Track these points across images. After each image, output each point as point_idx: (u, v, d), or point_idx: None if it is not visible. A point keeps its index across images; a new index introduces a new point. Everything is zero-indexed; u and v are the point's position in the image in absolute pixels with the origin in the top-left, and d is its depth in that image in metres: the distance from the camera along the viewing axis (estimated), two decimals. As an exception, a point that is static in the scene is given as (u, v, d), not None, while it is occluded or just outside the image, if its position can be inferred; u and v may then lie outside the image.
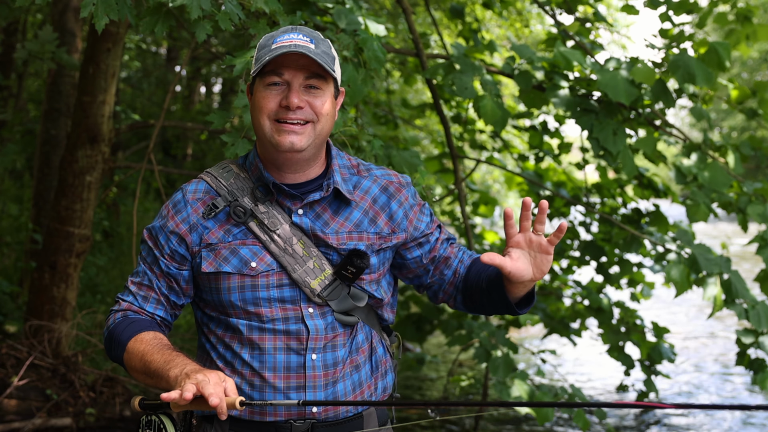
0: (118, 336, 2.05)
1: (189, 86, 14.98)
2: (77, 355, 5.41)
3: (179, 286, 2.10)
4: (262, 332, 2.03)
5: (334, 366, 2.05)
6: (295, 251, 2.03)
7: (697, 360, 9.02)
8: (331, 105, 2.04)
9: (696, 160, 5.10)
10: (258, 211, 2.04)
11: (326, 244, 2.06)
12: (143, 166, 4.82)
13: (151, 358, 1.96)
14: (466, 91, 4.66)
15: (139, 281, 2.11)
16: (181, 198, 2.10)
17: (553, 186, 6.83)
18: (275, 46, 1.98)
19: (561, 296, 6.97)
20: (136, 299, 2.10)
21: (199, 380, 1.81)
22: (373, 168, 2.19)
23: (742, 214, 5.16)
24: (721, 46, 4.86)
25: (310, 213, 2.07)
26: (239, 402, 1.84)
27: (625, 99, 4.63)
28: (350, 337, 2.08)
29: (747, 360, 5.20)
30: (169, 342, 2.04)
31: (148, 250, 2.11)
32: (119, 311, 2.11)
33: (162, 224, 2.09)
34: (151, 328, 2.05)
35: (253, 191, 2.06)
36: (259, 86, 2.02)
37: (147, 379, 1.99)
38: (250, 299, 2.03)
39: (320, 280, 2.03)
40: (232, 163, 2.14)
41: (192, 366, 1.90)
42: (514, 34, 11.99)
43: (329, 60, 2.01)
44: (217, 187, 2.08)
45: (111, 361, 3.71)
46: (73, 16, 6.97)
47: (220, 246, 2.04)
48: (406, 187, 2.17)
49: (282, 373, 2.02)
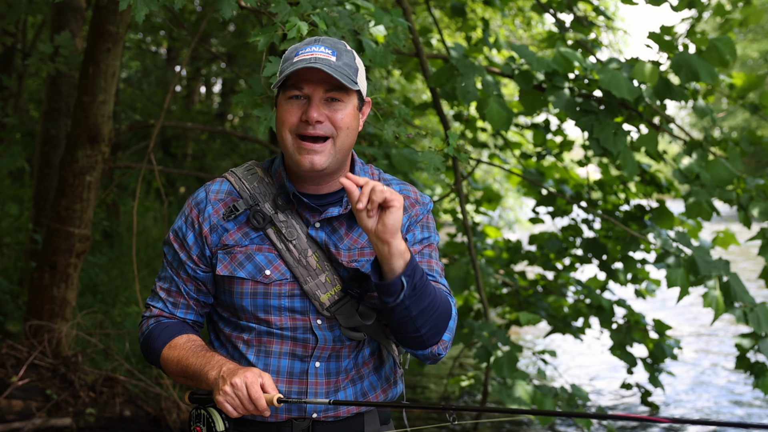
0: (153, 343, 2.11)
1: (189, 86, 14.97)
2: (77, 355, 5.40)
3: (207, 288, 2.13)
4: (270, 336, 2.05)
5: (336, 375, 2.07)
6: (309, 263, 2.04)
7: (700, 360, 9.01)
8: (353, 117, 2.03)
9: (697, 158, 5.08)
10: (277, 219, 2.05)
11: (337, 260, 2.06)
12: (143, 166, 4.81)
13: (187, 362, 2.02)
14: (468, 95, 4.65)
15: (167, 287, 2.14)
16: (204, 197, 2.11)
17: (555, 184, 6.82)
18: (297, 59, 1.99)
19: (564, 294, 6.96)
20: (166, 306, 2.14)
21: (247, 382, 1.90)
22: (393, 183, 2.17)
23: (744, 212, 5.15)
24: (721, 42, 4.86)
25: (327, 227, 2.07)
26: (277, 399, 1.90)
27: (629, 95, 4.62)
28: (357, 349, 2.09)
29: (747, 364, 5.18)
30: (203, 341, 2.09)
31: (173, 253, 2.12)
32: (151, 317, 2.15)
33: (186, 223, 2.11)
34: (184, 331, 2.10)
35: (275, 198, 2.07)
36: (282, 99, 2.03)
37: (188, 381, 2.05)
38: (261, 306, 2.04)
39: (330, 294, 2.04)
40: (258, 165, 2.15)
41: (228, 366, 1.95)
42: (514, 31, 11.98)
43: (351, 72, 2.00)
44: (240, 189, 2.09)
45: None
46: (73, 16, 6.96)
47: (236, 249, 2.05)
48: (422, 206, 2.15)
49: (285, 377, 2.05)
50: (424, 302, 1.94)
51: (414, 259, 1.93)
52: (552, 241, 7.01)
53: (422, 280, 1.94)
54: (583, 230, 6.87)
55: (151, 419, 5.39)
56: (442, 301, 2.00)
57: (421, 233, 2.13)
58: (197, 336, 2.12)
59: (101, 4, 5.24)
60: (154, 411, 5.40)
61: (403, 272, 1.89)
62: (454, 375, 7.41)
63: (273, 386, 1.92)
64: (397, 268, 1.89)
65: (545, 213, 7.12)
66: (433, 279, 2.09)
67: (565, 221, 7.10)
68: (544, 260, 7.15)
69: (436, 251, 2.15)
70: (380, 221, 1.86)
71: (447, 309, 2.01)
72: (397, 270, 1.89)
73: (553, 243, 6.98)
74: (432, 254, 2.13)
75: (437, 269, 2.12)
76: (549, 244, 7.00)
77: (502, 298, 7.16)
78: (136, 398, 5.42)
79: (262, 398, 1.89)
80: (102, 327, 6.22)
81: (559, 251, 6.99)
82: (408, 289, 1.90)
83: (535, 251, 7.28)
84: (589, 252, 6.54)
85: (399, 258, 1.89)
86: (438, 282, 2.10)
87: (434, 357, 2.03)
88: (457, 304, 8.59)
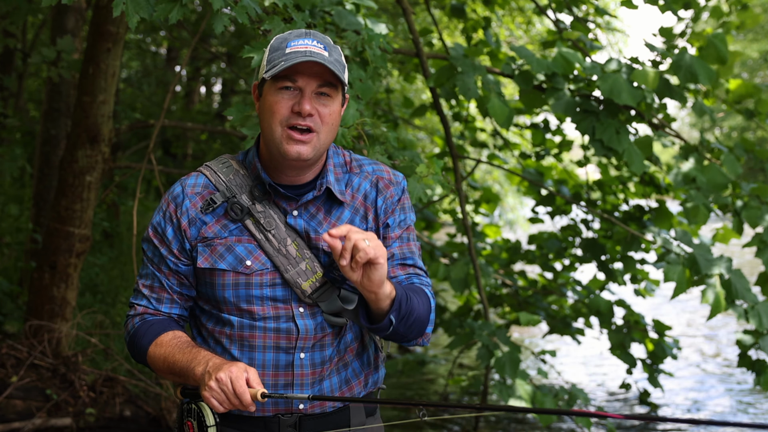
0: (139, 341, 2.11)
1: (189, 86, 14.96)
2: (77, 355, 5.40)
3: (189, 281, 2.13)
4: (252, 330, 2.06)
5: (321, 365, 2.08)
6: (288, 252, 2.05)
7: (703, 359, 9.01)
8: (337, 115, 2.06)
9: (693, 163, 5.09)
10: (255, 210, 2.06)
11: (317, 246, 2.07)
12: (143, 166, 4.81)
13: (174, 359, 2.03)
14: (469, 91, 4.66)
15: (150, 284, 2.14)
16: (181, 191, 2.12)
17: (554, 184, 6.83)
18: (289, 50, 1.99)
19: (564, 294, 6.96)
20: (150, 302, 2.14)
21: (233, 377, 1.90)
22: (365, 164, 2.19)
23: (738, 218, 5.16)
24: (717, 38, 4.87)
25: (305, 214, 2.09)
26: (261, 394, 1.91)
27: (631, 101, 4.62)
28: (339, 336, 2.10)
29: (749, 361, 5.18)
30: (189, 338, 2.10)
31: (153, 249, 2.13)
32: (136, 316, 2.15)
33: (165, 218, 2.11)
34: (170, 328, 2.11)
35: (252, 190, 2.08)
36: (271, 89, 2.03)
37: (175, 378, 2.06)
38: (243, 296, 2.05)
39: (311, 282, 2.06)
40: (232, 158, 2.16)
41: (214, 361, 1.95)
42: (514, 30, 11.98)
43: (340, 68, 2.02)
44: (215, 181, 2.10)
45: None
46: (73, 16, 6.96)
47: (215, 241, 2.06)
48: (395, 185, 2.17)
49: (271, 370, 2.06)
50: (410, 320, 2.02)
51: (398, 290, 1.98)
52: (551, 240, 7.02)
53: (407, 305, 2.00)
54: (582, 230, 6.87)
55: (151, 419, 5.39)
56: (422, 306, 2.05)
57: (399, 216, 2.15)
58: (183, 332, 2.12)
59: (101, 4, 5.24)
60: (154, 411, 5.40)
61: (390, 310, 1.96)
62: (454, 375, 7.41)
63: (258, 381, 1.93)
64: (384, 307, 1.96)
65: (544, 213, 7.13)
66: (412, 262, 2.14)
67: (565, 221, 7.11)
68: (544, 260, 7.16)
69: (414, 231, 2.21)
70: (365, 275, 1.90)
71: (427, 310, 2.07)
72: (384, 309, 1.96)
73: (552, 243, 6.99)
74: (410, 236, 2.18)
75: (416, 251, 2.18)
76: (548, 243, 7.01)
77: (502, 298, 7.17)
78: (136, 398, 5.43)
79: (247, 393, 1.90)
80: (102, 327, 6.22)
81: (558, 251, 7.00)
82: (396, 321, 1.98)
83: (535, 250, 7.29)
84: (588, 252, 6.54)
85: (386, 299, 1.95)
86: (416, 266, 2.15)
87: (418, 345, 2.12)
88: (458, 304, 8.58)
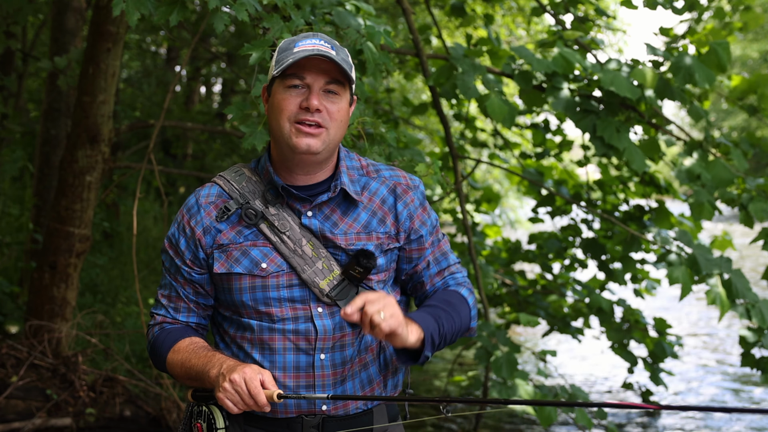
0: (159, 349, 2.16)
1: (189, 86, 14.96)
2: (77, 355, 5.39)
3: (205, 290, 2.16)
4: (272, 332, 2.07)
5: (342, 365, 2.09)
6: (304, 252, 2.07)
7: (703, 359, 9.01)
8: (345, 112, 2.08)
9: (698, 159, 5.09)
10: (268, 213, 2.08)
11: (335, 244, 2.09)
12: (143, 166, 4.80)
13: (190, 363, 2.07)
14: (469, 91, 4.66)
15: (168, 293, 2.19)
16: (195, 202, 2.15)
17: (554, 184, 6.82)
18: (297, 49, 2.02)
19: (564, 294, 6.96)
20: (168, 312, 2.19)
21: (245, 379, 1.94)
22: (382, 169, 2.21)
23: (745, 212, 5.15)
24: (721, 46, 4.86)
25: (319, 215, 2.11)
26: (277, 395, 1.94)
27: (630, 94, 4.62)
28: (358, 336, 2.11)
29: (752, 360, 5.18)
30: (206, 343, 2.13)
31: (170, 260, 2.17)
32: (155, 325, 2.19)
33: (179, 230, 2.15)
34: (187, 335, 2.15)
35: (264, 194, 2.10)
36: (279, 88, 2.05)
37: (193, 383, 2.10)
38: (261, 299, 2.07)
39: (329, 280, 2.07)
40: (245, 167, 2.19)
41: (229, 363, 1.99)
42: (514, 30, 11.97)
43: (348, 67, 2.05)
44: (229, 190, 2.13)
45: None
46: (73, 16, 6.96)
47: (231, 247, 2.09)
48: (414, 190, 2.19)
49: (292, 372, 2.07)
50: (447, 340, 2.09)
51: (429, 323, 2.03)
52: (551, 240, 7.01)
53: (441, 333, 2.06)
54: (582, 230, 6.87)
55: (151, 419, 5.39)
56: (458, 317, 2.12)
57: (426, 220, 2.19)
58: (200, 338, 2.15)
59: (101, 4, 5.24)
60: (154, 411, 5.40)
61: (424, 348, 2.01)
62: (454, 375, 7.41)
63: (272, 382, 1.96)
64: (416, 344, 2.00)
65: (545, 213, 7.12)
66: (446, 264, 2.21)
67: (565, 221, 7.11)
68: (543, 260, 7.15)
69: (440, 229, 2.25)
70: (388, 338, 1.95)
71: (465, 316, 2.14)
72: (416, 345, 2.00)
73: (552, 243, 6.99)
74: (440, 237, 2.23)
75: (447, 249, 2.23)
76: (548, 243, 7.01)
77: (502, 298, 7.16)
78: (136, 398, 5.43)
79: (262, 393, 1.92)
80: (102, 327, 6.22)
81: (558, 251, 7.00)
82: (432, 353, 2.05)
83: (535, 250, 7.29)
84: (588, 252, 6.54)
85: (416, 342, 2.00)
86: (450, 266, 2.21)
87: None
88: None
